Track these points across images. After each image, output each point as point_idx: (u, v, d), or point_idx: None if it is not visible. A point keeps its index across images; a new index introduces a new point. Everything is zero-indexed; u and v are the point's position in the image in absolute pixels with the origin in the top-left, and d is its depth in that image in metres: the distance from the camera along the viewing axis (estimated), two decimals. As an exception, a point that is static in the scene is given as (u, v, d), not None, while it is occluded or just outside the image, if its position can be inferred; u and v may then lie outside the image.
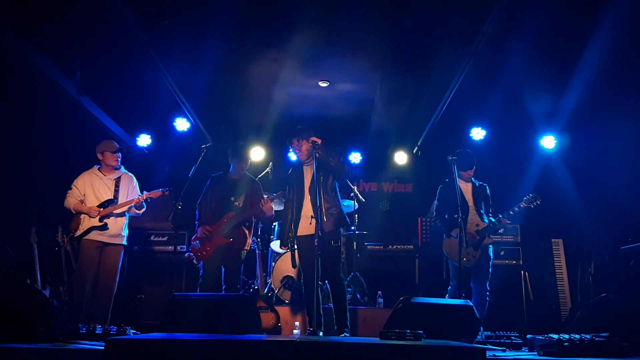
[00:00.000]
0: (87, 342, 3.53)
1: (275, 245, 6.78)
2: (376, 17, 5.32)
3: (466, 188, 5.51)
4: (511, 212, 5.35)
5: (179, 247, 6.62)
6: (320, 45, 5.81)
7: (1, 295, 3.62)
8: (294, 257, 4.87)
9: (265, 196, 5.33)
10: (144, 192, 5.31)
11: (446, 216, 5.46)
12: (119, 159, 5.39)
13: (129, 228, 6.78)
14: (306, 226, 4.74)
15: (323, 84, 6.82)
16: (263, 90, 6.96)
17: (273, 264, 6.59)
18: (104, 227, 5.14)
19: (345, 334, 4.57)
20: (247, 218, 5.34)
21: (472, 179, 5.58)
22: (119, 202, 5.29)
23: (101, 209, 5.18)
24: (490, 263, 5.36)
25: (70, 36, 5.31)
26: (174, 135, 7.59)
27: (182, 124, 7.48)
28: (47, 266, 5.41)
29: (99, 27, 5.20)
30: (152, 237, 6.93)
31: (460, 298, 4.94)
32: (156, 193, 5.30)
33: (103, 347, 2.71)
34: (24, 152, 6.00)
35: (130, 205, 5.29)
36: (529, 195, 5.38)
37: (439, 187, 5.67)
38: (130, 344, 2.74)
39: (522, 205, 5.36)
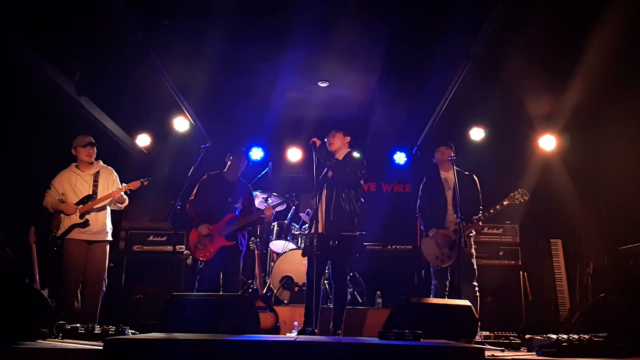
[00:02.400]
0: (85, 341, 3.53)
1: (274, 245, 6.78)
2: (376, 16, 5.33)
3: (449, 182, 5.36)
4: (492, 211, 5.18)
5: (178, 247, 6.62)
6: (320, 45, 5.81)
7: (0, 295, 3.61)
8: (306, 249, 4.98)
9: (268, 200, 5.45)
10: (123, 184, 5.26)
11: (428, 213, 5.41)
12: (92, 154, 5.31)
13: (128, 228, 6.77)
14: (320, 225, 4.76)
15: (323, 84, 6.83)
16: (262, 90, 6.96)
17: (272, 264, 6.60)
18: (85, 224, 5.09)
19: (339, 333, 4.66)
20: (249, 224, 5.47)
21: (456, 168, 5.26)
22: (99, 197, 5.23)
23: (80, 206, 5.13)
24: (473, 260, 5.23)
25: (70, 36, 5.30)
26: (173, 135, 7.59)
27: (181, 124, 7.48)
28: (46, 266, 5.40)
29: (98, 27, 5.19)
30: (151, 237, 6.93)
31: (443, 297, 4.96)
32: (135, 184, 5.25)
33: (102, 347, 2.72)
34: (22, 152, 5.99)
35: (110, 200, 5.22)
36: (515, 191, 5.16)
37: (422, 183, 5.60)
38: (129, 343, 2.74)
39: (505, 203, 5.14)
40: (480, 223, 5.22)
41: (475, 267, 5.24)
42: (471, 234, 5.27)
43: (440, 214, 5.30)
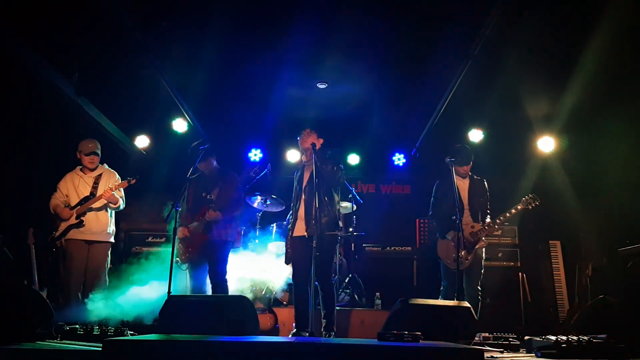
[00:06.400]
0: (84, 343, 3.52)
1: (273, 246, 6.77)
2: (375, 18, 5.33)
3: (463, 185, 5.41)
4: (507, 215, 5.26)
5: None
6: (319, 46, 5.81)
7: (-1, 296, 3.61)
8: (288, 255, 4.87)
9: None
10: (113, 185, 5.27)
11: (442, 215, 5.39)
12: (95, 161, 5.35)
13: (127, 229, 6.75)
14: (300, 227, 4.78)
15: (321, 86, 6.83)
16: (261, 92, 6.96)
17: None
18: (80, 224, 5.14)
19: (332, 334, 4.65)
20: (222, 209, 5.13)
21: (469, 173, 5.48)
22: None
23: (77, 207, 5.19)
24: (482, 263, 5.28)
25: (69, 37, 5.30)
26: (172, 136, 7.58)
27: (180, 125, 7.48)
28: (45, 267, 5.40)
29: (97, 29, 5.20)
30: (149, 238, 6.93)
31: (452, 299, 4.94)
32: (123, 184, 5.28)
33: (101, 348, 2.71)
34: (22, 153, 5.99)
35: (102, 200, 5.24)
36: (528, 196, 5.27)
37: (435, 184, 5.58)
38: (128, 344, 2.74)
39: (519, 207, 5.25)
40: (495, 227, 5.31)
41: (482, 270, 5.28)
42: (484, 238, 5.29)
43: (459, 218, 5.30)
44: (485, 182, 5.53)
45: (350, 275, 6.68)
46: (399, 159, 8.37)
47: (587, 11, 4.91)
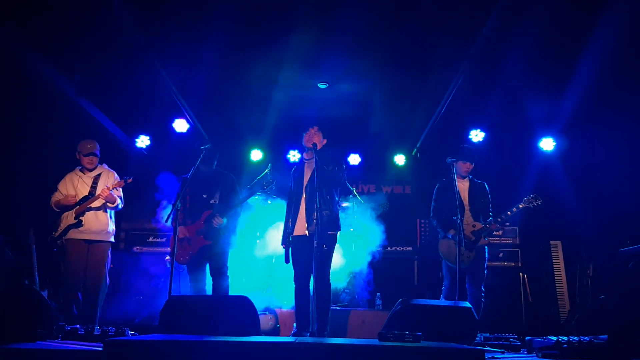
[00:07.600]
0: (85, 343, 3.52)
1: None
2: (375, 18, 5.33)
3: (463, 187, 5.41)
4: (509, 213, 5.25)
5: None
6: (320, 46, 5.81)
7: (0, 296, 3.61)
8: (288, 254, 4.84)
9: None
10: (110, 185, 5.27)
11: (442, 216, 5.41)
12: (94, 162, 5.35)
13: (128, 229, 6.75)
14: (301, 227, 4.76)
15: (322, 86, 6.83)
16: (262, 92, 6.96)
17: (272, 265, 6.59)
18: (79, 224, 5.14)
19: (325, 335, 4.63)
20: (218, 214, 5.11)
21: (470, 176, 5.49)
22: None
23: (77, 207, 5.19)
24: (486, 264, 5.29)
25: (69, 37, 5.31)
26: (173, 136, 7.59)
27: (180, 125, 7.48)
28: (46, 267, 5.41)
29: (98, 29, 5.20)
30: (150, 239, 6.93)
31: (454, 298, 4.93)
32: (120, 183, 5.28)
33: (101, 348, 2.72)
34: (22, 153, 6.00)
35: (100, 200, 5.23)
36: (530, 196, 5.27)
37: (436, 188, 5.59)
38: (129, 345, 2.74)
39: (520, 206, 5.25)
40: (497, 226, 5.34)
41: (486, 271, 5.28)
42: (487, 237, 5.30)
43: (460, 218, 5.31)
44: (486, 185, 5.54)
45: (350, 275, 6.67)
46: (399, 159, 8.35)
47: (588, 10, 4.90)
